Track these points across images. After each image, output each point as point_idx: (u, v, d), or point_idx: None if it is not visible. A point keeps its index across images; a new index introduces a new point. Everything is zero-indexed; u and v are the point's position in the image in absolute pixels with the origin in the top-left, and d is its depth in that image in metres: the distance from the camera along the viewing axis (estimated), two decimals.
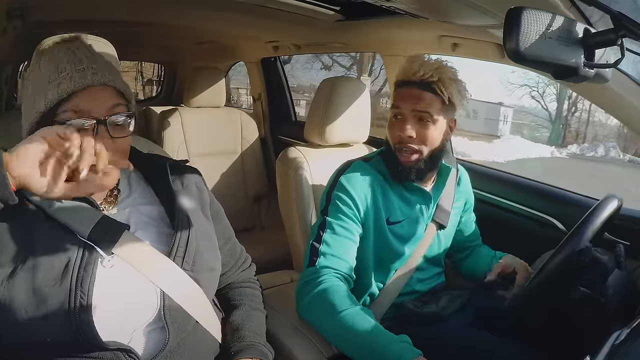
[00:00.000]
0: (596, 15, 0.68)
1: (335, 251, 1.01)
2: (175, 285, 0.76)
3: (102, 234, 0.72)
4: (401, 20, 1.34)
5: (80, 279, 0.68)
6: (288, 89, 2.58)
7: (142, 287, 0.74)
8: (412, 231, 1.12)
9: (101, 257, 0.72)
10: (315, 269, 0.99)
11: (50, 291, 0.66)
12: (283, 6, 1.38)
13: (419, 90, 1.05)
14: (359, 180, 1.08)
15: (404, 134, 1.05)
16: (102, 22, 1.77)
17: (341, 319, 0.90)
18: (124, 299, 0.72)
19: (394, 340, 0.86)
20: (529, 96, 18.27)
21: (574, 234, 0.89)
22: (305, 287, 0.99)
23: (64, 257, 0.69)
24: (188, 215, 0.82)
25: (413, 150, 1.06)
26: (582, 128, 17.18)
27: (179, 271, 0.77)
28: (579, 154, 13.19)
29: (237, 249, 0.98)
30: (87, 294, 0.68)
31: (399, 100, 1.07)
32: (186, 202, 0.84)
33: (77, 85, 0.70)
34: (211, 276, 0.84)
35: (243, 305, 0.91)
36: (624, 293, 0.91)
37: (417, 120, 1.05)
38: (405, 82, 1.07)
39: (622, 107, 0.91)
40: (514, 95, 22.03)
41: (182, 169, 0.90)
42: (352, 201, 1.05)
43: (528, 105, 18.62)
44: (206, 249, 0.83)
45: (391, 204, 1.10)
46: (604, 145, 13.34)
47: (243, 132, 2.32)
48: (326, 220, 1.05)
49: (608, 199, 0.97)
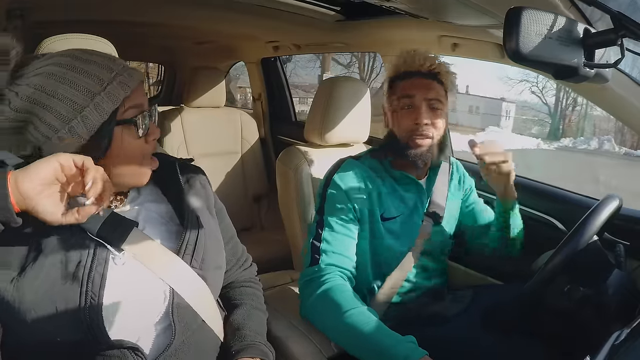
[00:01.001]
0: (596, 15, 0.68)
1: (336, 248, 1.02)
2: (184, 283, 0.76)
3: (111, 231, 0.72)
4: (401, 20, 1.34)
5: (92, 278, 0.68)
6: (288, 89, 2.58)
7: (152, 284, 0.74)
8: (407, 227, 1.13)
9: (113, 254, 0.72)
10: (319, 266, 1.00)
11: (60, 290, 0.66)
12: (283, 6, 1.38)
13: (428, 80, 1.08)
14: (352, 177, 1.09)
15: (421, 121, 1.06)
16: (102, 22, 1.77)
17: (346, 318, 0.90)
18: (133, 297, 0.72)
19: (401, 341, 0.86)
20: (530, 91, 18.30)
21: (574, 234, 0.89)
22: (308, 286, 0.99)
23: (74, 256, 0.68)
24: (197, 214, 0.82)
25: (427, 135, 1.08)
26: (583, 122, 17.24)
27: (187, 269, 0.77)
28: (570, 147, 13.28)
29: (238, 248, 0.99)
30: (97, 294, 0.68)
31: (411, 90, 1.08)
32: (194, 200, 0.84)
33: (134, 82, 0.71)
34: (218, 274, 0.85)
35: (244, 304, 0.91)
36: (624, 293, 0.91)
37: (429, 108, 1.08)
38: (412, 72, 1.09)
39: (622, 107, 0.91)
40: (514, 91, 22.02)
41: (189, 168, 0.91)
42: (347, 198, 1.06)
43: (530, 100, 18.65)
44: (213, 247, 0.84)
45: (385, 201, 1.11)
46: (598, 139, 13.40)
47: (243, 132, 2.32)
48: (323, 218, 1.05)
49: (608, 199, 0.97)
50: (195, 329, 0.78)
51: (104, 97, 0.67)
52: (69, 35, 1.02)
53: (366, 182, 1.10)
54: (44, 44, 1.00)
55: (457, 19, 1.11)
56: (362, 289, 1.11)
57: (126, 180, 0.76)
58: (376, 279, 1.12)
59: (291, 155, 1.36)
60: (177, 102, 2.60)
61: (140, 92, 0.73)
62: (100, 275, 0.69)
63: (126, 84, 0.69)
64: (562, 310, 0.93)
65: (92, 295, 0.67)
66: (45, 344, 0.67)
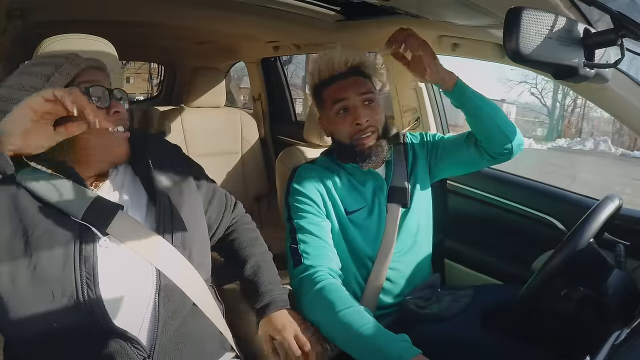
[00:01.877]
0: (596, 15, 0.68)
1: (315, 245, 1.03)
2: (170, 264, 0.77)
3: (95, 215, 0.72)
4: (401, 20, 1.34)
5: (82, 259, 0.69)
6: (288, 89, 2.58)
7: (139, 267, 0.75)
8: (373, 217, 1.13)
9: (98, 237, 0.72)
10: (304, 266, 1.00)
11: (53, 275, 0.66)
12: (283, 6, 1.38)
13: (354, 77, 1.09)
14: (309, 180, 1.10)
15: (362, 121, 1.06)
16: (102, 22, 1.77)
17: (341, 317, 0.90)
18: (124, 280, 0.73)
19: (394, 339, 0.86)
20: (529, 93, 18.33)
21: (574, 234, 0.89)
22: (302, 285, 0.99)
23: (62, 240, 0.69)
24: (166, 192, 0.82)
25: (372, 131, 1.08)
26: (582, 124, 17.29)
27: (171, 249, 0.78)
28: (565, 147, 13.31)
29: (222, 196, 1.01)
30: (92, 273, 0.69)
31: (342, 93, 1.08)
32: (162, 179, 0.84)
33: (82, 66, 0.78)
34: (202, 250, 0.86)
35: (250, 258, 0.97)
36: (624, 293, 0.91)
37: (364, 105, 1.08)
38: (335, 76, 1.09)
39: (622, 107, 0.90)
40: (513, 92, 22.03)
41: (154, 142, 0.91)
42: (309, 200, 1.08)
43: (531, 102, 18.68)
44: (193, 221, 0.84)
45: (345, 195, 1.12)
46: (594, 139, 13.47)
47: (243, 132, 2.32)
48: (293, 223, 1.06)
49: (608, 199, 0.97)
50: (186, 316, 0.78)
51: (57, 76, 0.75)
52: (68, 35, 1.02)
53: (323, 181, 1.11)
54: (44, 44, 1.00)
55: (457, 19, 1.11)
56: (350, 283, 1.11)
57: (101, 155, 0.78)
58: (360, 276, 1.12)
59: (291, 155, 1.36)
60: (177, 102, 2.60)
61: (95, 73, 0.79)
62: (91, 256, 0.70)
63: (78, 64, 0.77)
64: (562, 310, 0.93)
65: (87, 276, 0.68)
66: (45, 335, 0.67)
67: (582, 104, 16.79)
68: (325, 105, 1.12)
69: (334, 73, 1.09)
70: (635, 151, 12.46)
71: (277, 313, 0.90)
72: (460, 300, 1.12)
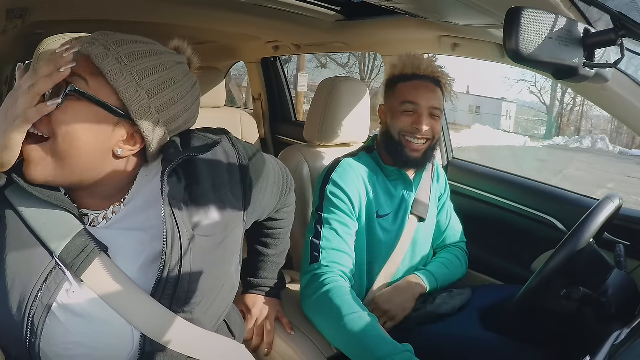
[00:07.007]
0: (596, 15, 0.68)
1: (336, 246, 1.03)
2: (161, 328, 0.61)
3: (74, 255, 0.60)
4: (401, 20, 1.34)
5: (34, 307, 0.58)
6: (288, 89, 2.58)
7: (115, 327, 0.61)
8: (397, 224, 1.15)
9: (69, 283, 0.60)
10: (320, 264, 1.00)
11: (5, 313, 0.59)
12: (283, 6, 1.38)
13: (433, 86, 1.11)
14: (350, 176, 1.10)
15: (421, 128, 1.08)
16: (102, 22, 1.76)
17: (346, 324, 0.91)
18: (89, 339, 0.60)
19: (397, 350, 0.86)
20: (528, 91, 18.39)
21: (573, 234, 0.89)
22: (310, 285, 1.00)
23: (27, 275, 0.59)
24: (180, 238, 0.62)
25: (426, 138, 1.11)
26: (581, 122, 17.33)
27: (164, 313, 0.61)
28: (562, 145, 13.39)
29: (278, 190, 0.85)
30: (36, 324, 0.58)
31: (416, 97, 1.10)
32: (182, 215, 0.63)
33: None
34: (216, 310, 0.69)
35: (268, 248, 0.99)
36: (623, 293, 0.91)
37: (429, 115, 1.10)
38: (415, 75, 1.11)
39: (622, 107, 0.90)
40: (512, 90, 22.06)
41: (199, 151, 0.68)
42: (346, 197, 1.07)
43: (530, 100, 18.72)
44: (216, 282, 0.66)
45: (379, 198, 1.13)
46: (591, 137, 13.59)
47: (243, 132, 2.32)
48: (322, 216, 1.06)
49: (608, 199, 0.97)
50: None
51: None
52: (68, 35, 1.02)
53: (363, 180, 1.11)
54: (44, 44, 1.00)
55: (457, 19, 1.11)
56: (360, 286, 1.11)
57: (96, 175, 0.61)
58: (371, 275, 1.13)
59: (291, 155, 1.36)
60: None
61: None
62: (43, 306, 0.58)
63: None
64: (562, 310, 0.93)
65: (30, 325, 0.58)
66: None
67: (582, 102, 16.82)
68: (395, 97, 1.13)
69: (418, 72, 1.11)
70: (633, 149, 12.50)
71: (257, 295, 0.99)
72: (455, 298, 1.12)
